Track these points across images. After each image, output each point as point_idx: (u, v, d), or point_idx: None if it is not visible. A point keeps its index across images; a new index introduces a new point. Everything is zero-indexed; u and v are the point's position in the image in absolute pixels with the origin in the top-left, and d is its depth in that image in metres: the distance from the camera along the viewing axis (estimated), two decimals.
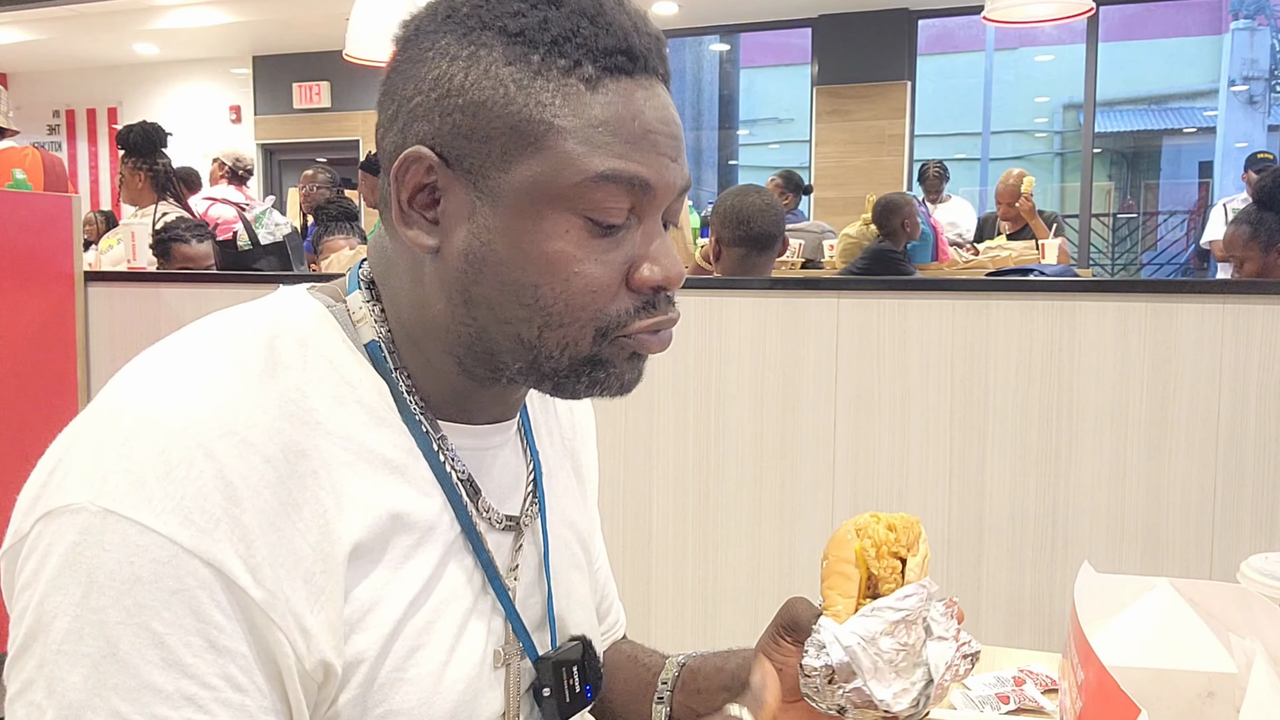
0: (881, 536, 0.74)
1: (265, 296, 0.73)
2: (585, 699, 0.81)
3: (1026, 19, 4.14)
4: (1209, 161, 12.67)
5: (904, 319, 2.33)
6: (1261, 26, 12.14)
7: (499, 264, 0.66)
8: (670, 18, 8.06)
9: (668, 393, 2.51)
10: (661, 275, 0.69)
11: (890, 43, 7.73)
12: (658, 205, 0.69)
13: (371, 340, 0.71)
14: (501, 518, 0.76)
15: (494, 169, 0.66)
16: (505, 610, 0.75)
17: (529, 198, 0.66)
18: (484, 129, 0.66)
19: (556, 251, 0.66)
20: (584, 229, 0.66)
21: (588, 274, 0.66)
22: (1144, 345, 2.17)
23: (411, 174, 0.68)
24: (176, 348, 0.66)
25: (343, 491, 0.65)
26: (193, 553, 0.57)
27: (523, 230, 0.66)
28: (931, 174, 6.43)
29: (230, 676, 0.58)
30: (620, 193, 0.66)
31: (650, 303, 0.70)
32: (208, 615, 0.58)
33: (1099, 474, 2.20)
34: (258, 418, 0.62)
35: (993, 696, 1.09)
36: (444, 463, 0.72)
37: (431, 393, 0.73)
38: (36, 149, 4.12)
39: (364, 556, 0.65)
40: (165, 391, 0.62)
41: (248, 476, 0.60)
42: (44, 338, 3.02)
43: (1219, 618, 0.86)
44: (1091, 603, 0.85)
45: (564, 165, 0.65)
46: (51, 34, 8.35)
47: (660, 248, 0.69)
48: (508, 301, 0.67)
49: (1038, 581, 2.25)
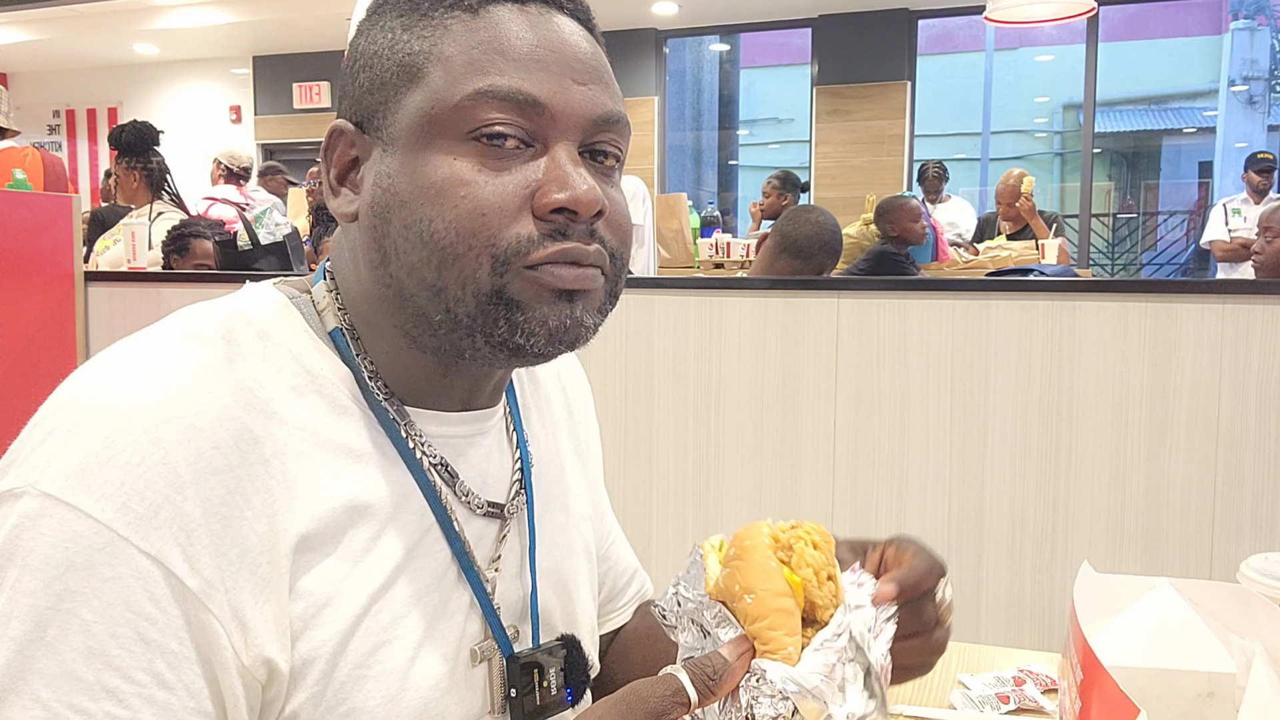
0: (816, 561, 0.65)
1: (234, 291, 0.73)
2: (565, 702, 0.77)
3: (1027, 19, 4.14)
4: (1209, 161, 12.67)
5: (904, 319, 2.33)
6: (1261, 26, 12.14)
7: (400, 206, 0.65)
8: (670, 18, 8.07)
9: (668, 393, 2.51)
10: (567, 196, 0.64)
11: (890, 43, 7.74)
12: (562, 129, 0.66)
13: (335, 328, 0.70)
14: (483, 503, 0.73)
15: (389, 113, 0.66)
16: (480, 604, 0.72)
17: (417, 131, 0.65)
18: (379, 78, 0.67)
19: (444, 178, 0.64)
20: (474, 154, 0.64)
21: (476, 196, 0.63)
22: (1144, 345, 2.17)
23: (337, 149, 0.69)
24: (137, 341, 0.66)
25: (295, 481, 0.63)
26: (129, 540, 0.56)
27: (415, 165, 0.65)
28: (931, 174, 6.43)
29: (157, 673, 0.56)
30: (506, 109, 0.64)
31: (560, 231, 0.65)
32: (139, 606, 0.56)
33: (1099, 474, 2.20)
34: (209, 404, 0.61)
35: (993, 696, 1.09)
36: (413, 449, 0.70)
37: (398, 378, 0.71)
38: (36, 149, 4.12)
39: (314, 549, 0.63)
40: (118, 380, 0.61)
41: (194, 463, 0.59)
42: (44, 337, 3.02)
43: (1219, 618, 0.86)
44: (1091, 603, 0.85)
45: (444, 88, 0.64)
46: (51, 34, 8.36)
47: (568, 172, 0.65)
48: (410, 245, 0.65)
49: (1038, 581, 2.25)
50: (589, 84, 0.67)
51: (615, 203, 0.69)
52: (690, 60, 11.61)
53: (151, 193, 4.08)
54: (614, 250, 0.69)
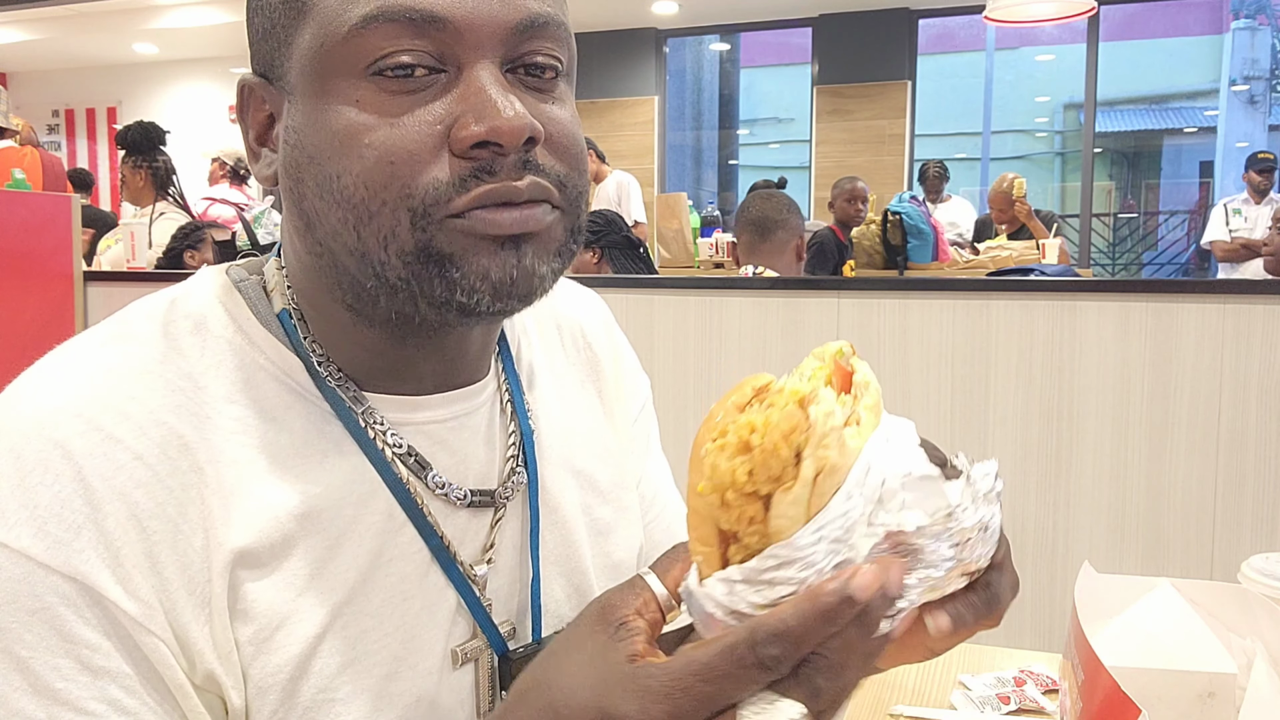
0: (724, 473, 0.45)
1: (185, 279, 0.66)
2: None
3: (1027, 18, 4.14)
4: (1209, 161, 12.67)
5: (904, 319, 2.33)
6: (1262, 26, 12.13)
7: (309, 163, 0.57)
8: (670, 17, 8.07)
9: (668, 393, 2.50)
10: (485, 127, 0.54)
11: (890, 42, 7.73)
12: (475, 46, 0.56)
13: (282, 310, 0.63)
14: (465, 493, 0.64)
15: (284, 58, 0.58)
16: (466, 602, 0.64)
17: (312, 73, 0.56)
18: (270, 18, 0.59)
19: (347, 125, 0.55)
20: (375, 91, 0.55)
21: (380, 143, 0.54)
22: (1144, 345, 2.17)
23: (250, 107, 0.62)
24: (68, 347, 0.60)
25: (232, 491, 0.56)
26: (49, 567, 0.51)
27: (317, 115, 0.56)
28: (932, 174, 6.44)
29: (113, 700, 0.51)
30: (402, 34, 0.54)
31: (486, 169, 0.55)
32: (75, 634, 0.51)
33: (1099, 474, 2.20)
34: (131, 410, 0.55)
35: (993, 697, 1.08)
36: (374, 439, 0.61)
37: (353, 361, 0.63)
38: (36, 149, 4.12)
39: (258, 564, 0.56)
40: (32, 393, 0.56)
41: (112, 477, 0.53)
42: (43, 337, 2.99)
43: (1219, 618, 0.86)
44: (1092, 603, 0.85)
45: (329, 20, 0.55)
46: (51, 34, 8.35)
47: (486, 95, 0.55)
48: (327, 206, 0.56)
49: (1038, 581, 2.25)
50: None
51: (556, 122, 0.59)
52: (690, 60, 11.61)
53: (156, 193, 4.10)
54: (562, 177, 0.59)
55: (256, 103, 0.62)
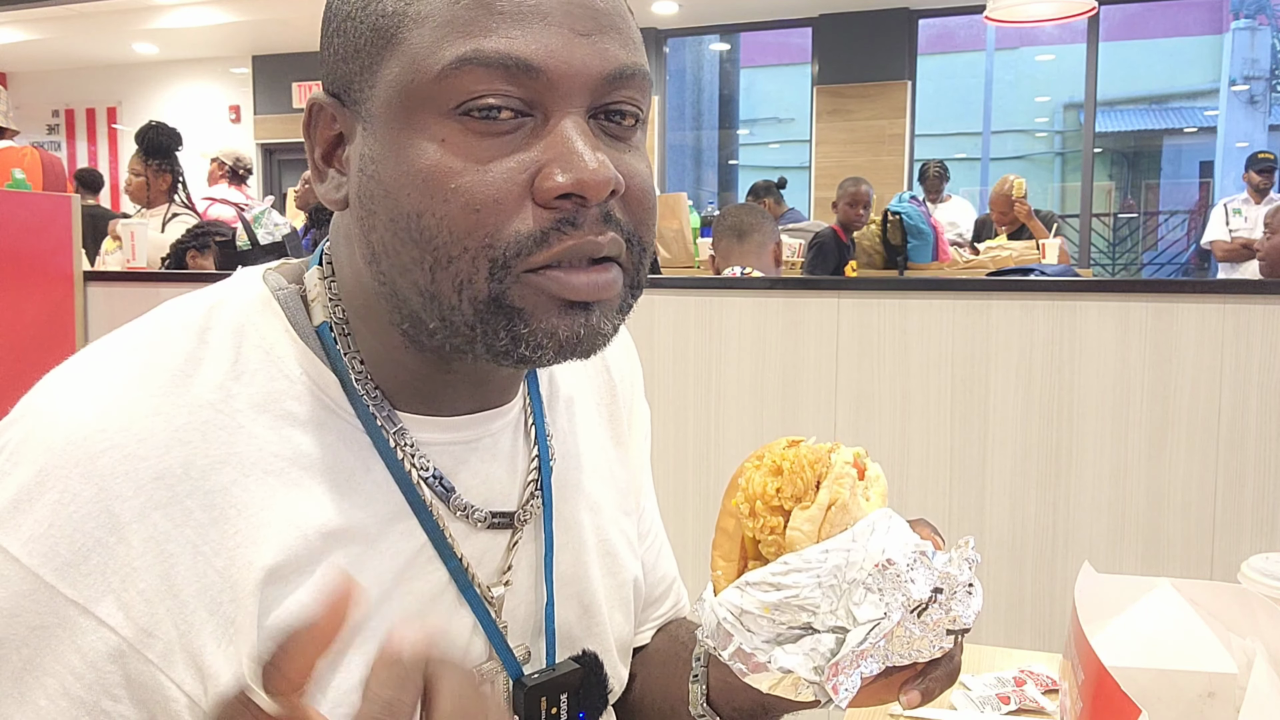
0: (757, 486, 0.56)
1: (226, 279, 0.66)
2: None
3: (1027, 18, 4.14)
4: (1209, 161, 12.66)
5: (904, 319, 2.33)
6: (1262, 26, 12.13)
7: (385, 197, 0.56)
8: (670, 18, 8.07)
9: (668, 393, 2.50)
10: (571, 179, 0.54)
11: (890, 42, 7.73)
12: (565, 95, 0.55)
13: (323, 323, 0.62)
14: (486, 515, 0.65)
15: (366, 85, 0.57)
16: (482, 624, 0.65)
17: (397, 107, 0.55)
18: (353, 43, 0.58)
19: (431, 166, 0.54)
20: (462, 132, 0.54)
21: (468, 189, 0.54)
22: (1144, 345, 2.17)
23: (318, 125, 0.61)
24: (99, 346, 0.60)
25: (260, 508, 0.56)
26: (54, 588, 0.52)
27: (398, 149, 0.55)
28: (932, 174, 6.43)
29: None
30: (494, 79, 0.54)
31: (569, 220, 0.55)
32: (66, 660, 0.52)
33: (1099, 474, 2.20)
34: (156, 427, 0.55)
35: (993, 697, 1.08)
36: (401, 460, 0.62)
37: (391, 380, 0.63)
38: (35, 149, 4.13)
39: (285, 580, 0.56)
40: (61, 400, 0.56)
41: (132, 499, 0.53)
42: (44, 337, 3.01)
43: (1219, 618, 0.86)
44: (1092, 603, 0.84)
45: (422, 55, 0.54)
46: (51, 34, 8.35)
47: (572, 146, 0.54)
48: (400, 243, 0.56)
49: (1038, 581, 2.25)
50: (595, 34, 0.57)
51: (635, 175, 0.59)
52: (690, 60, 11.61)
53: (169, 195, 4.17)
54: (631, 234, 0.59)
55: (326, 120, 0.61)
